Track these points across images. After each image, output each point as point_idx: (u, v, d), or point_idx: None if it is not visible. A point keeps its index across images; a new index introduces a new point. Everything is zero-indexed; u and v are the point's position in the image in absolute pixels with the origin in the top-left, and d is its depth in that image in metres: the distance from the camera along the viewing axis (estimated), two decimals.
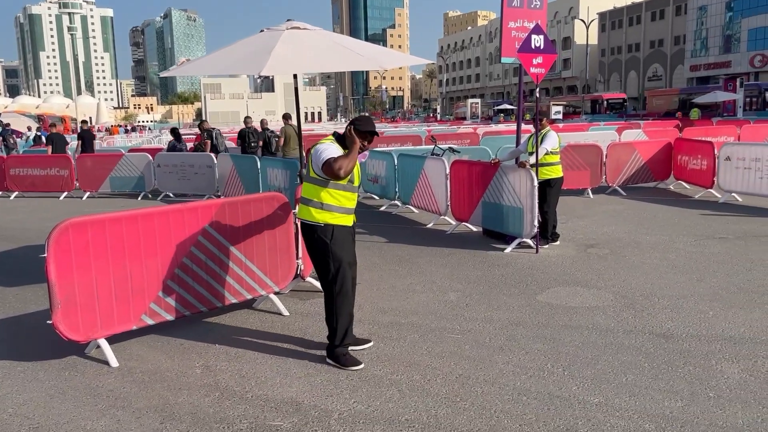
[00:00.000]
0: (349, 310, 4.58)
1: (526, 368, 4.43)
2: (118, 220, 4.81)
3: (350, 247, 4.61)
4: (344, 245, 4.51)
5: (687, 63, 71.79)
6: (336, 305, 4.50)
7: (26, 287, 6.95)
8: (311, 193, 4.49)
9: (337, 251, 4.44)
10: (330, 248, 4.43)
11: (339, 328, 4.53)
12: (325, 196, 4.44)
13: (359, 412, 3.86)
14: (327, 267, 4.47)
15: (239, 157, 13.81)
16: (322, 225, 4.44)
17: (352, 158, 4.31)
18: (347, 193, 4.50)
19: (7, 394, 4.25)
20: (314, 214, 4.46)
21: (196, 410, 3.94)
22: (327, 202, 4.44)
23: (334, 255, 4.43)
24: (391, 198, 12.09)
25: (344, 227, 4.53)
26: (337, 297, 4.49)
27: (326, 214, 4.44)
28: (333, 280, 4.47)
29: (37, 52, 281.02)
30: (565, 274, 6.92)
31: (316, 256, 4.52)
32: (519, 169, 8.08)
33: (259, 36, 6.14)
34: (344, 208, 4.51)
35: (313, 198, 4.47)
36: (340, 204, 4.48)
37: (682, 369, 4.34)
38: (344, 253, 4.49)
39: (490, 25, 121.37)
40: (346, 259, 4.51)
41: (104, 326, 4.76)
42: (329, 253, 4.44)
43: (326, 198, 4.44)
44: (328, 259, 4.45)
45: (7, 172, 15.88)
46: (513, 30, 8.43)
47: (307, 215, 4.49)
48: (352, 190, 4.54)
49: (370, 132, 4.42)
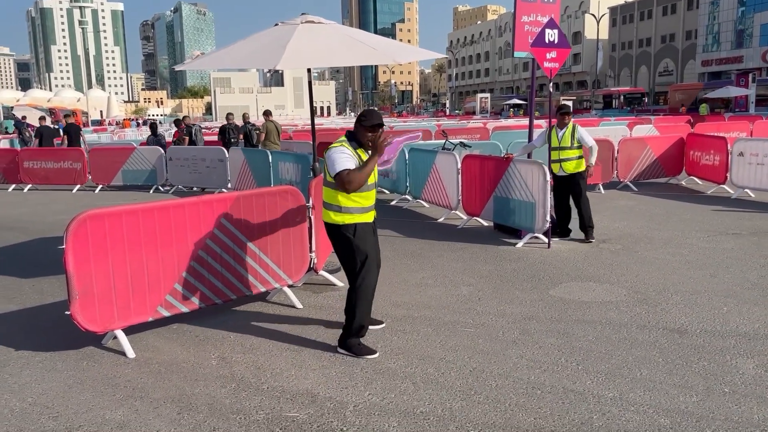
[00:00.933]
0: (368, 305, 4.65)
1: (540, 362, 4.44)
2: (134, 212, 4.85)
3: (374, 242, 4.71)
4: (367, 239, 4.59)
5: (699, 58, 71.22)
6: (356, 297, 4.59)
7: (42, 279, 7.02)
8: (330, 197, 4.56)
9: (361, 245, 4.53)
10: (354, 243, 4.52)
11: (356, 321, 4.62)
12: (342, 200, 4.50)
13: (374, 404, 3.89)
14: (354, 261, 4.56)
15: (251, 151, 13.85)
16: (345, 224, 4.52)
17: (367, 172, 4.39)
18: (364, 193, 4.54)
19: (27, 384, 4.31)
20: (334, 217, 4.55)
21: (213, 401, 3.98)
22: (345, 206, 4.50)
23: (358, 249, 4.53)
24: (402, 192, 12.10)
25: (366, 224, 4.61)
26: (358, 290, 4.58)
27: (346, 216, 4.52)
28: (359, 272, 4.56)
29: (49, 46, 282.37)
30: (577, 269, 6.92)
31: (342, 252, 4.61)
32: (531, 164, 8.07)
33: (274, 30, 6.16)
34: (363, 208, 4.57)
35: (332, 202, 4.55)
36: (358, 205, 4.53)
37: (697, 364, 4.34)
38: (369, 247, 4.59)
39: (500, 20, 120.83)
40: (372, 254, 4.60)
41: (121, 317, 4.81)
42: (353, 248, 4.53)
43: (344, 201, 4.50)
44: (354, 254, 4.54)
45: (21, 165, 16.00)
46: (526, 24, 8.40)
47: (328, 218, 4.60)
48: (368, 189, 4.57)
49: (378, 125, 4.46)
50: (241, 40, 6.39)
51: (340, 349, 4.73)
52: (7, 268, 7.57)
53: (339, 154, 4.38)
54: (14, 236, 9.69)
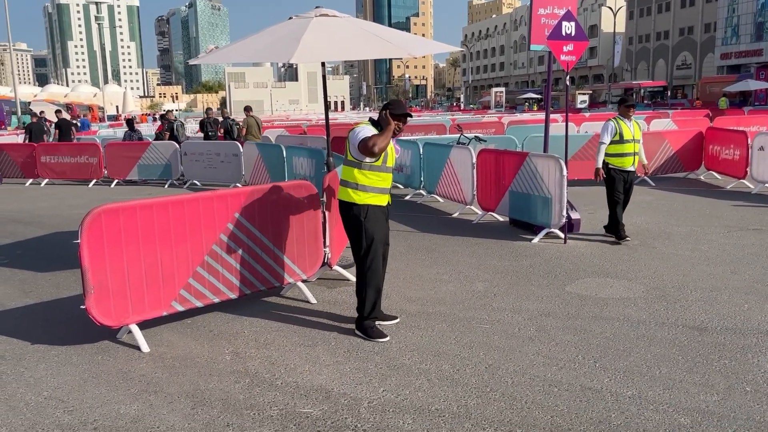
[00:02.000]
0: (377, 285, 4.88)
1: (557, 359, 4.38)
2: (149, 207, 4.85)
3: (383, 227, 4.89)
4: (377, 224, 4.80)
5: (717, 51, 70.17)
6: (366, 279, 4.82)
7: (58, 272, 7.06)
8: (348, 175, 4.80)
9: (370, 228, 4.75)
10: (364, 225, 4.75)
11: (367, 301, 4.85)
12: (360, 177, 4.73)
13: (389, 400, 3.85)
14: (360, 243, 4.79)
15: (265, 146, 13.86)
16: (358, 204, 4.74)
17: (386, 137, 4.59)
18: (381, 174, 4.78)
19: (42, 377, 4.32)
20: (351, 194, 4.77)
21: (227, 396, 3.97)
22: (362, 183, 4.74)
23: (367, 232, 4.75)
24: (416, 187, 12.04)
25: (379, 207, 4.82)
26: (368, 272, 4.81)
27: (362, 194, 4.74)
28: (365, 255, 4.79)
29: (66, 42, 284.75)
30: (594, 265, 6.83)
31: (351, 232, 4.84)
32: (548, 159, 7.98)
33: (288, 23, 6.12)
34: (379, 188, 4.80)
35: (350, 179, 4.78)
36: (374, 184, 4.76)
37: (718, 362, 4.26)
38: (377, 231, 4.80)
39: (515, 13, 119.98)
40: (379, 237, 4.81)
41: (135, 312, 4.81)
42: (363, 230, 4.75)
43: (362, 179, 4.73)
44: (362, 236, 4.77)
45: (38, 160, 16.14)
46: (543, 17, 8.29)
47: (345, 195, 4.82)
48: (385, 171, 4.81)
49: (404, 114, 4.69)
50: (255, 33, 6.36)
51: (357, 331, 4.94)
52: (24, 262, 7.63)
53: (362, 127, 4.69)
54: (31, 230, 9.77)
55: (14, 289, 6.54)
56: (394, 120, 4.62)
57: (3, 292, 6.42)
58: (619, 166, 7.67)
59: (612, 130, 7.65)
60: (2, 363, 4.59)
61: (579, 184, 12.08)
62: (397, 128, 4.67)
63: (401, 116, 4.66)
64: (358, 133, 4.62)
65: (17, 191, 14.91)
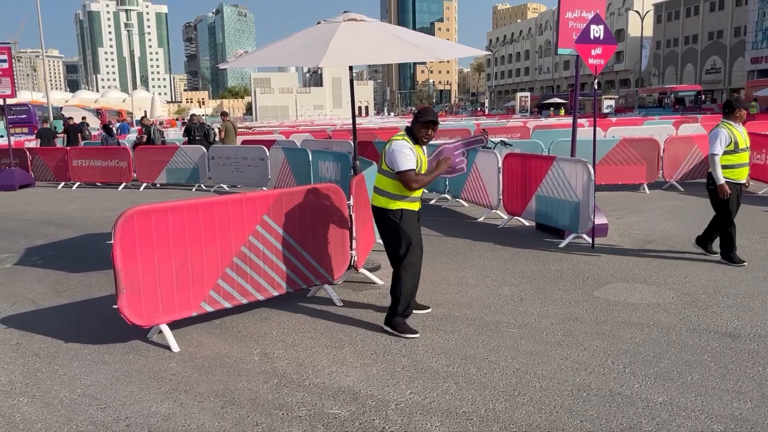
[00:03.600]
0: (414, 286, 5.04)
1: (586, 364, 4.35)
2: (179, 209, 4.92)
3: (417, 229, 5.02)
4: (412, 226, 4.94)
5: (747, 55, 68.97)
6: (401, 278, 4.94)
7: (90, 273, 7.19)
8: (383, 184, 4.93)
9: (406, 230, 4.89)
10: (401, 227, 4.88)
11: (402, 300, 4.96)
12: (394, 187, 4.85)
13: (416, 403, 3.86)
14: (398, 244, 4.91)
15: (291, 150, 13.96)
16: (393, 209, 4.89)
17: (431, 179, 4.88)
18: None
19: (76, 376, 4.41)
20: (384, 202, 4.92)
21: (256, 396, 4.01)
22: (397, 193, 4.86)
23: (404, 233, 4.88)
24: (441, 191, 12.03)
25: (411, 211, 4.96)
26: (403, 270, 4.94)
27: (397, 202, 4.89)
28: (404, 256, 4.91)
29: (96, 48, 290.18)
30: (622, 270, 6.75)
31: (388, 235, 4.97)
32: (575, 163, 7.92)
33: (317, 28, 6.17)
34: (412, 197, 4.95)
35: (385, 189, 4.91)
36: (407, 193, 4.89)
37: (751, 369, 4.18)
38: (413, 231, 4.94)
39: (541, 18, 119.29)
40: (416, 239, 4.96)
41: (166, 312, 4.89)
42: (400, 231, 4.89)
43: (396, 189, 4.85)
44: (400, 237, 4.89)
45: (70, 164, 16.47)
46: (570, 20, 8.24)
47: (378, 202, 4.97)
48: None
49: (431, 122, 4.79)
50: (283, 38, 6.43)
51: (385, 326, 5.06)
52: (57, 263, 7.79)
53: (402, 149, 4.73)
54: (64, 232, 9.97)
55: (48, 289, 6.68)
56: (423, 128, 4.78)
57: (37, 292, 6.56)
58: (734, 179, 6.75)
59: (726, 139, 6.62)
60: (37, 361, 4.70)
61: (606, 188, 11.96)
62: (427, 136, 4.83)
63: (429, 123, 4.78)
64: (398, 158, 4.70)
65: (50, 194, 15.23)
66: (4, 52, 15.89)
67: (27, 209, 12.62)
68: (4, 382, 4.35)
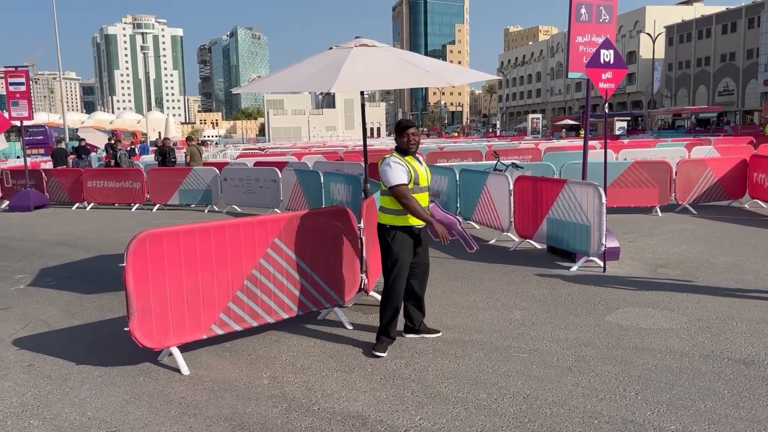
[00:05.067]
0: (396, 305, 5.15)
1: (597, 390, 4.30)
2: (191, 232, 4.97)
3: (410, 249, 5.11)
4: (404, 246, 5.06)
5: (760, 77, 68.82)
6: (384, 297, 5.16)
7: (102, 295, 7.25)
8: (384, 202, 5.10)
9: (395, 250, 5.03)
10: (390, 247, 5.04)
11: (384, 317, 5.16)
12: (394, 203, 5.00)
13: (426, 429, 3.83)
14: (386, 261, 5.11)
15: (303, 172, 14.06)
16: (388, 227, 5.06)
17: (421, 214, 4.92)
18: (416, 195, 4.98)
19: (86, 398, 4.42)
20: (385, 218, 5.08)
21: (265, 420, 4.00)
22: (395, 208, 5.00)
23: (392, 252, 5.05)
24: (452, 214, 12.01)
25: (408, 228, 5.04)
26: (386, 291, 5.14)
27: (399, 218, 5.01)
28: (387, 274, 5.12)
29: (112, 71, 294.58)
30: (634, 294, 6.70)
31: (381, 250, 5.16)
32: (587, 186, 7.91)
33: (329, 53, 6.26)
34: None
35: (385, 206, 5.09)
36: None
37: (765, 397, 4.12)
38: (402, 253, 5.05)
39: (552, 40, 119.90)
40: (404, 260, 5.07)
41: (176, 335, 4.91)
42: (389, 251, 5.06)
43: (395, 205, 4.99)
44: (387, 256, 5.09)
45: (84, 185, 16.66)
46: (581, 45, 8.29)
47: (379, 219, 5.17)
48: (419, 191, 5.05)
49: (405, 127, 5.01)
50: (296, 63, 6.51)
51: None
52: (70, 284, 7.85)
53: (392, 165, 4.92)
54: (77, 253, 10.06)
55: (60, 310, 6.74)
56: (399, 135, 4.99)
57: (50, 314, 6.61)
58: None
59: None
60: (48, 383, 4.73)
61: (618, 211, 11.91)
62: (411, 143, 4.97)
63: (403, 130, 4.98)
64: (388, 174, 4.88)
65: (64, 215, 15.39)
66: (22, 75, 16.21)
67: (42, 230, 12.76)
68: (16, 404, 4.37)
